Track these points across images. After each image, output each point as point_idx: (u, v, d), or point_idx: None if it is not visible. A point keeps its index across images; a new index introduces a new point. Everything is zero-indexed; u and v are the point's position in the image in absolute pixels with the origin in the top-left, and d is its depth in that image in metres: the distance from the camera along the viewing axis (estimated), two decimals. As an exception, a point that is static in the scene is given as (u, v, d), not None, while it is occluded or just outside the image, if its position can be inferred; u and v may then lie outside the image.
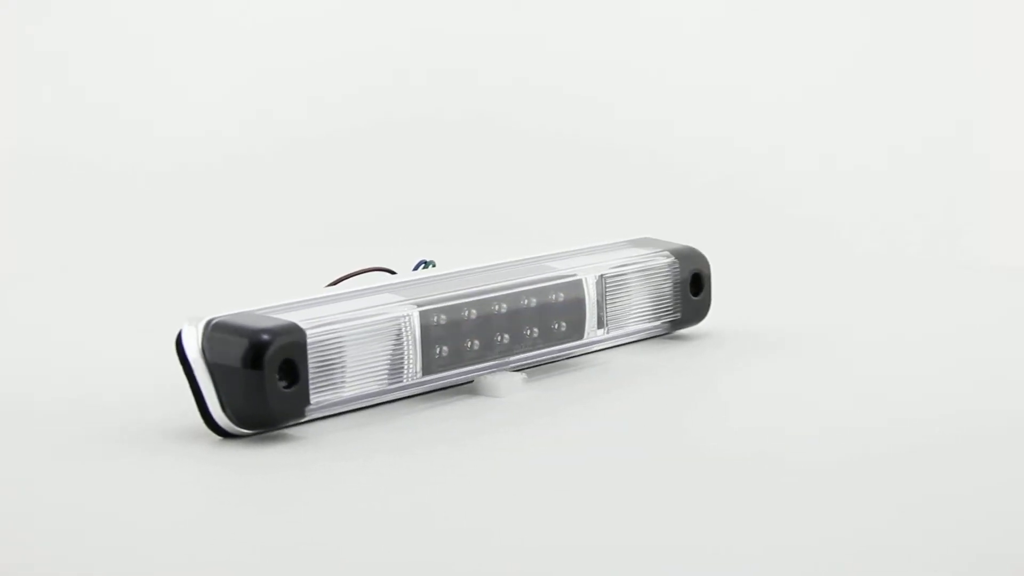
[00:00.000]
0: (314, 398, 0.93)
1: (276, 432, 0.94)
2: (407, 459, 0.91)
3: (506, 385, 1.03)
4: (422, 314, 0.99)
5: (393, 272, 1.08)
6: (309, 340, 0.92)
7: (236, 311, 0.93)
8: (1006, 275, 1.53)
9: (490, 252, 1.12)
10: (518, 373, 1.04)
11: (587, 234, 1.23)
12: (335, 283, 1.06)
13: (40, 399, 1.04)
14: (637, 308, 1.13)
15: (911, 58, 1.89)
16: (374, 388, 0.97)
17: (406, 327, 0.98)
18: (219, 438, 0.93)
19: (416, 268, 1.09)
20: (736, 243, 1.23)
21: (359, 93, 1.90)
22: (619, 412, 1.01)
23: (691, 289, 1.17)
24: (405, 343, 0.98)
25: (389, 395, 0.99)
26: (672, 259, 1.15)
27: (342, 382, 0.95)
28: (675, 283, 1.15)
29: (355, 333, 0.96)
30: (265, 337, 0.91)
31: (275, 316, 0.93)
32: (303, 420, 0.95)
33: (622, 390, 1.05)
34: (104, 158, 1.76)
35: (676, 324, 1.16)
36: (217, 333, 0.91)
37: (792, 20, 1.92)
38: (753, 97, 1.92)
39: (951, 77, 1.88)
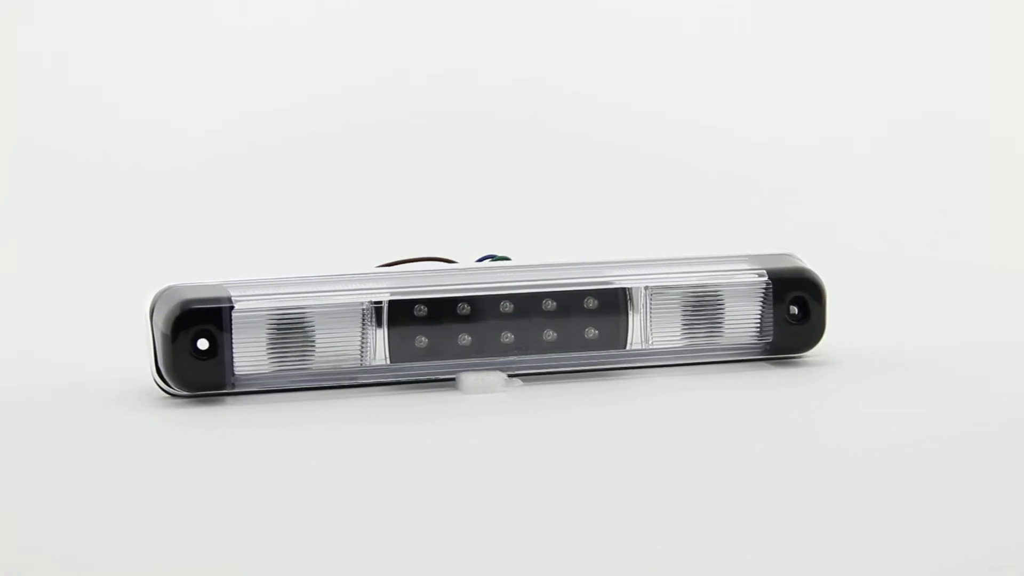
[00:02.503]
0: (243, 370, 0.99)
1: (221, 395, 1.01)
2: (308, 437, 0.94)
3: (475, 383, 1.01)
4: (395, 303, 1.00)
5: (453, 262, 1.09)
6: (235, 313, 0.98)
7: (208, 280, 1.00)
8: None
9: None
10: (499, 373, 1.02)
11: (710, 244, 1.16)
12: (386, 265, 1.09)
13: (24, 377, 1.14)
14: (709, 326, 1.06)
15: (914, 55, 1.77)
16: (325, 368, 1.00)
17: (368, 313, 1.00)
18: (165, 396, 1.00)
19: (481, 260, 1.09)
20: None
21: (361, 93, 1.86)
22: (584, 426, 0.96)
23: (796, 314, 1.07)
24: (366, 329, 1.00)
25: (348, 378, 1.01)
26: (765, 279, 1.05)
27: (284, 358, 1.00)
28: (765, 305, 1.06)
29: (302, 313, 0.99)
30: (190, 307, 0.97)
31: (226, 288, 0.99)
32: (245, 390, 1.00)
33: (620, 405, 1.00)
34: (111, 156, 1.79)
35: (772, 349, 1.07)
36: (162, 298, 0.99)
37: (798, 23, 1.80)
38: (752, 92, 1.81)
39: (952, 75, 1.74)
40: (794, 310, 1.06)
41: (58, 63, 1.87)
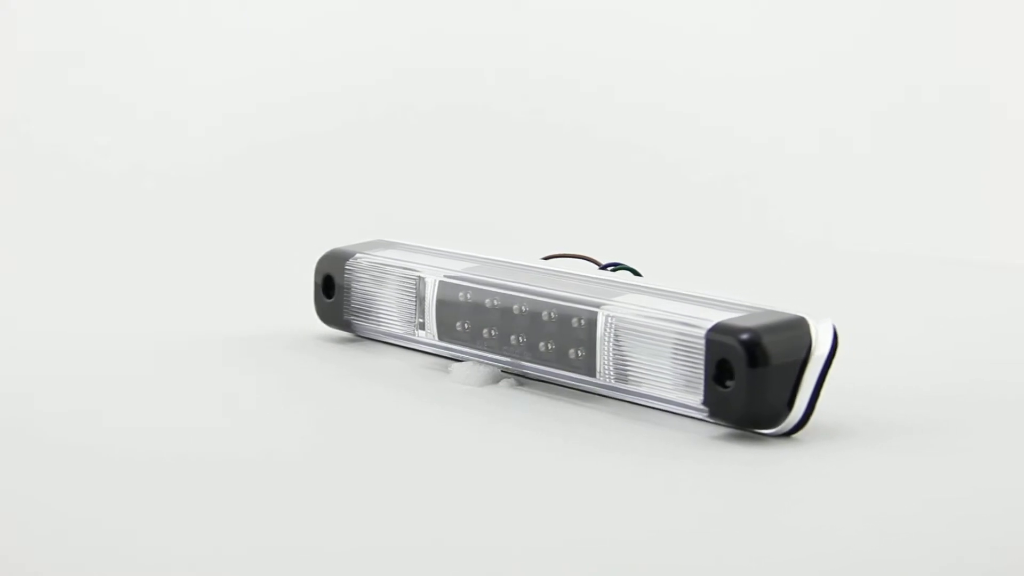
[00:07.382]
0: (350, 315, 1.13)
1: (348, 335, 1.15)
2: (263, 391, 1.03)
3: (458, 372, 1.05)
4: (443, 284, 1.06)
5: (598, 263, 1.10)
6: (346, 269, 1.13)
7: (401, 240, 1.15)
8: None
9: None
10: (490, 369, 1.04)
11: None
12: (548, 258, 1.11)
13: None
14: (666, 374, 0.95)
15: (914, 54, 1.79)
16: (393, 330, 1.11)
17: (419, 288, 1.08)
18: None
19: (605, 268, 1.09)
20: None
21: (361, 93, 1.88)
22: (507, 437, 0.94)
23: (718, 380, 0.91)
24: (418, 303, 1.08)
25: (409, 342, 1.10)
26: (701, 333, 0.90)
27: (368, 312, 1.12)
28: (696, 363, 0.92)
29: (379, 277, 1.11)
30: (326, 258, 1.15)
31: (379, 246, 1.14)
32: (360, 333, 1.13)
33: (541, 430, 0.96)
34: (111, 156, 1.80)
35: (712, 413, 0.91)
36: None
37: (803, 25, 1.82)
38: (752, 89, 1.81)
39: (952, 75, 1.77)
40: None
41: (57, 61, 1.87)
